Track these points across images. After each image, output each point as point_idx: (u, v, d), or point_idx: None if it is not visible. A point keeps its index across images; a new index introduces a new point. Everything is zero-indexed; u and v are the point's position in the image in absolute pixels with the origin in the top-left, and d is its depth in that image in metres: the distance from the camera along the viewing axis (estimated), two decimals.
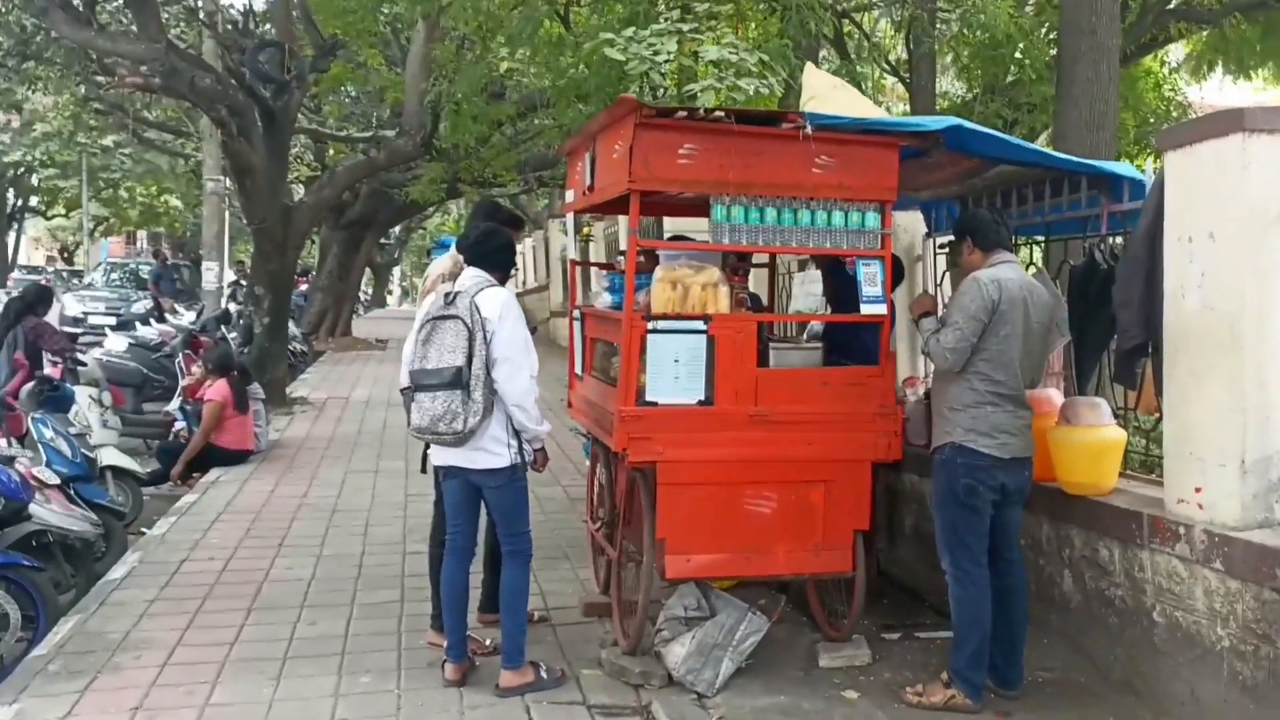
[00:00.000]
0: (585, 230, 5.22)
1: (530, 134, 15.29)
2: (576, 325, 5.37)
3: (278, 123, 11.33)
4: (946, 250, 4.98)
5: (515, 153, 14.26)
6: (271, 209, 11.33)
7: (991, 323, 3.94)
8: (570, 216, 5.36)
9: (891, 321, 5.36)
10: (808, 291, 5.57)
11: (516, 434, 4.11)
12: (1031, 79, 10.81)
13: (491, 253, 4.22)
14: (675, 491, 4.20)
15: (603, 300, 5.05)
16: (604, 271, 5.27)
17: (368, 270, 35.35)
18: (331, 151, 16.28)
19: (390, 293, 50.65)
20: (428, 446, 4.27)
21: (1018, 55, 11.11)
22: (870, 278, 4.33)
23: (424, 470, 4.42)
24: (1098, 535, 4.41)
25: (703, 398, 4.21)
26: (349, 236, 20.72)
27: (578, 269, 5.61)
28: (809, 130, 4.07)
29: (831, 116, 4.24)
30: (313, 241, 24.42)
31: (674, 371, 4.20)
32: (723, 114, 4.15)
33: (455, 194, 16.61)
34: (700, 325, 4.20)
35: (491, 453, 4.08)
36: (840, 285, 5.76)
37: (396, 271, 50.99)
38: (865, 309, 4.32)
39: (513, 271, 4.45)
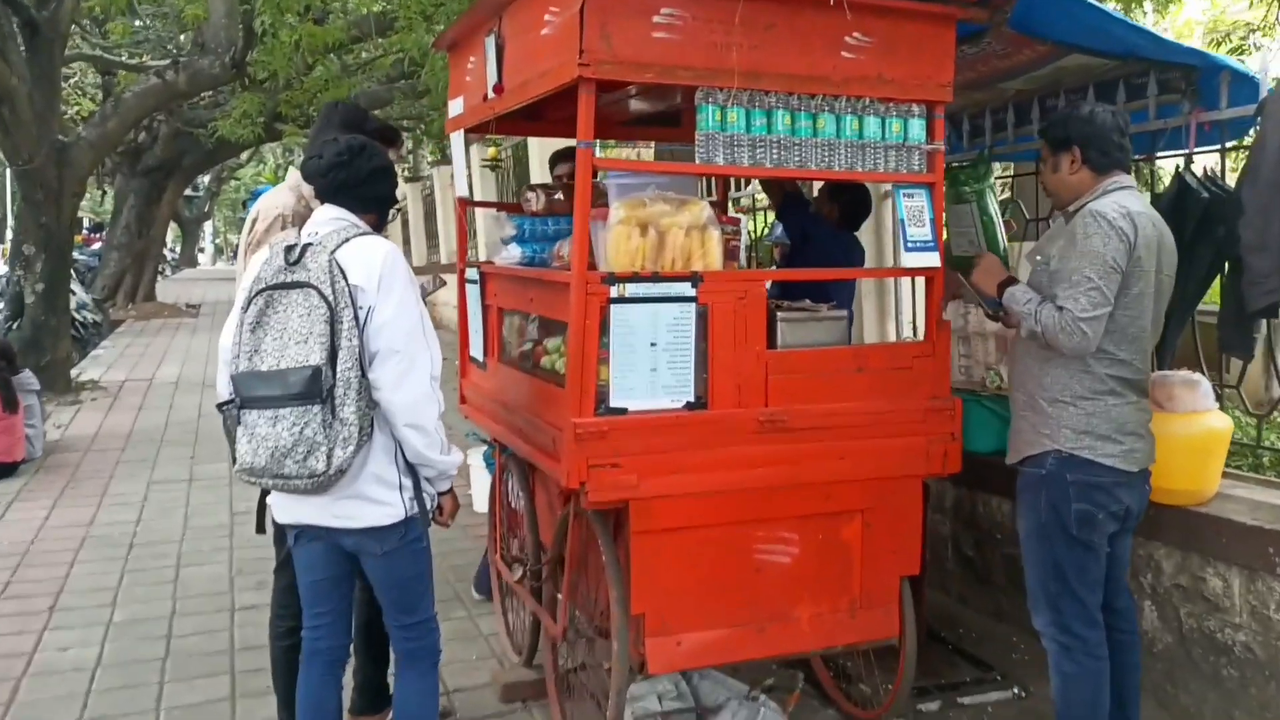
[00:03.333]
0: (494, 152, 3.79)
1: (363, 65, 13.27)
2: (472, 290, 3.85)
3: (43, 37, 9.04)
4: (966, 172, 3.74)
5: (346, 84, 12.21)
6: (40, 146, 9.07)
7: (1123, 277, 2.70)
8: (457, 137, 3.80)
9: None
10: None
11: (411, 470, 2.61)
12: None
13: (361, 181, 2.65)
14: (656, 543, 2.80)
15: (508, 255, 3.54)
16: (505, 215, 3.75)
17: (174, 226, 31.75)
18: (122, 84, 13.73)
19: (201, 250, 46.28)
20: (265, 494, 2.70)
21: None
22: (914, 214, 3.01)
23: (261, 529, 2.82)
24: (1203, 559, 3.29)
25: (692, 398, 2.82)
26: (149, 185, 17.96)
27: (468, 212, 4.07)
28: None
29: None
30: (105, 192, 21.30)
31: (650, 360, 2.77)
32: None
33: (274, 135, 14.29)
34: (687, 288, 2.79)
35: (373, 502, 2.56)
36: (798, 227, 4.46)
37: (208, 227, 46.65)
38: (909, 258, 3.00)
39: (392, 215, 2.90)
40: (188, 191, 37.49)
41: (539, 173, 8.10)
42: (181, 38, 13.96)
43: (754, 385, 2.86)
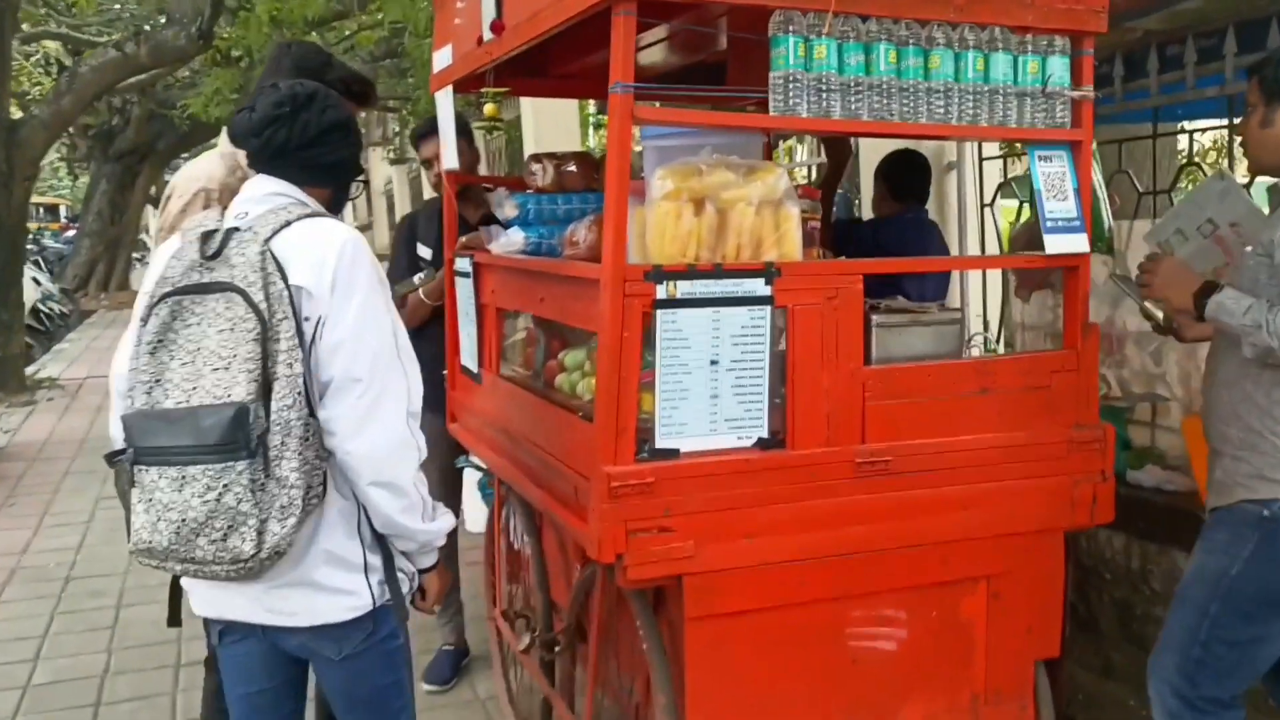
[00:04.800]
0: (492, 109, 3.14)
1: (345, 40, 12.43)
2: (464, 285, 3.09)
3: None
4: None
5: None
6: None
7: None
8: (444, 96, 3.03)
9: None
10: None
11: (381, 543, 1.86)
12: None
13: (308, 142, 1.88)
14: (719, 630, 2.06)
15: (509, 242, 2.77)
16: (506, 192, 2.98)
17: (151, 212, 30.66)
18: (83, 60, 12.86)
19: None
20: (179, 579, 1.94)
21: None
22: (1053, 182, 2.26)
23: (175, 623, 2.04)
24: None
25: (766, 434, 2.07)
26: (121, 170, 17.09)
27: (458, 189, 3.31)
28: None
29: None
30: (76, 177, 20.40)
31: (710, 384, 2.02)
32: None
33: None
34: (760, 285, 2.03)
35: (328, 590, 1.81)
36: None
37: None
38: (1052, 242, 2.25)
39: (355, 190, 2.14)
40: (169, 176, 36.57)
41: (544, 142, 7.31)
42: (163, 19, 13.12)
43: (848, 415, 2.11)
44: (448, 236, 3.26)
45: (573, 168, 2.92)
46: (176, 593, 1.94)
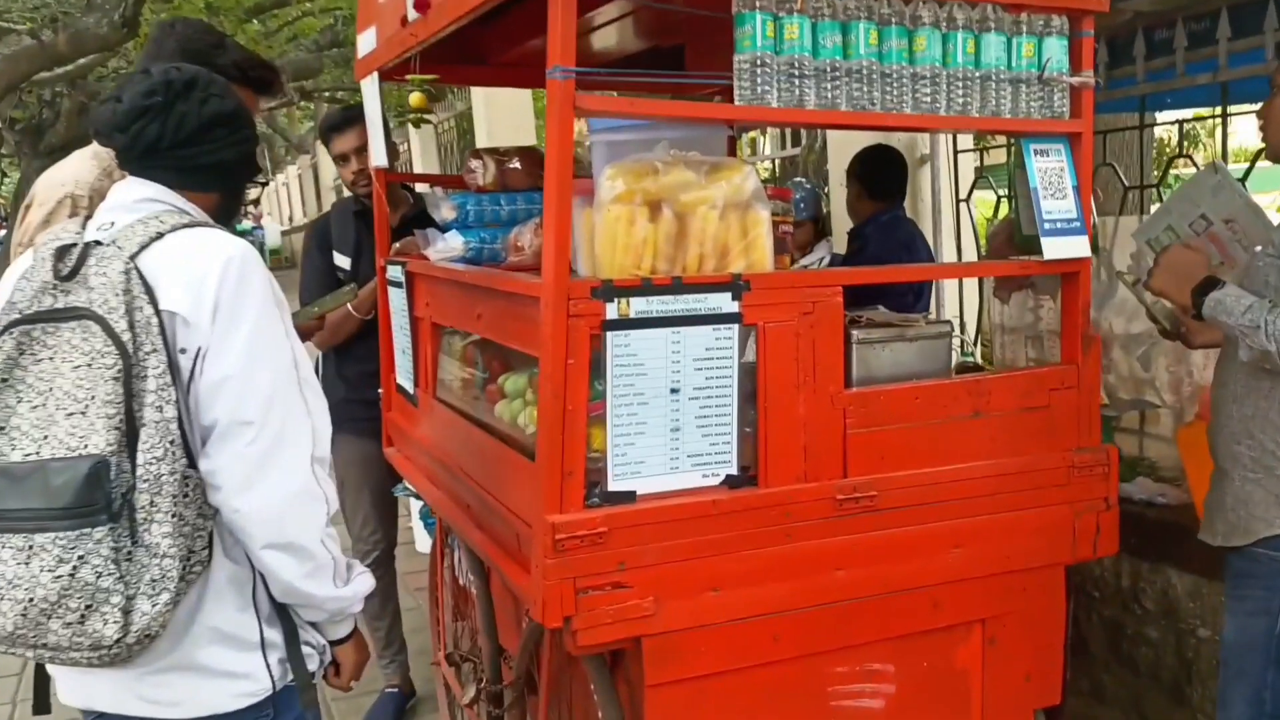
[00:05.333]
0: (418, 99, 2.83)
1: (288, 26, 12.01)
2: (397, 295, 2.80)
3: None
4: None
5: (268, 52, 10.94)
6: None
7: None
8: (369, 84, 2.72)
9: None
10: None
11: (281, 614, 1.57)
12: None
13: (186, 138, 1.58)
14: (686, 697, 1.79)
15: (446, 247, 2.47)
16: (443, 192, 2.68)
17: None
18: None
19: None
20: (42, 666, 1.63)
21: None
22: (1051, 179, 2.02)
23: (42, 709, 1.72)
24: None
25: (735, 470, 1.81)
26: (51, 166, 16.41)
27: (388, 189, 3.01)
28: None
29: None
30: (4, 175, 19.59)
31: (670, 415, 1.75)
32: None
33: None
34: (726, 301, 1.77)
35: (214, 674, 1.52)
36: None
37: None
38: (1050, 245, 2.01)
39: (251, 195, 1.84)
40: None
41: (498, 137, 6.98)
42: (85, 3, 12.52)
43: (828, 445, 1.85)
44: (380, 241, 2.96)
45: (516, 164, 2.64)
46: (43, 677, 1.64)
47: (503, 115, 7.51)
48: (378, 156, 2.77)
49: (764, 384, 1.80)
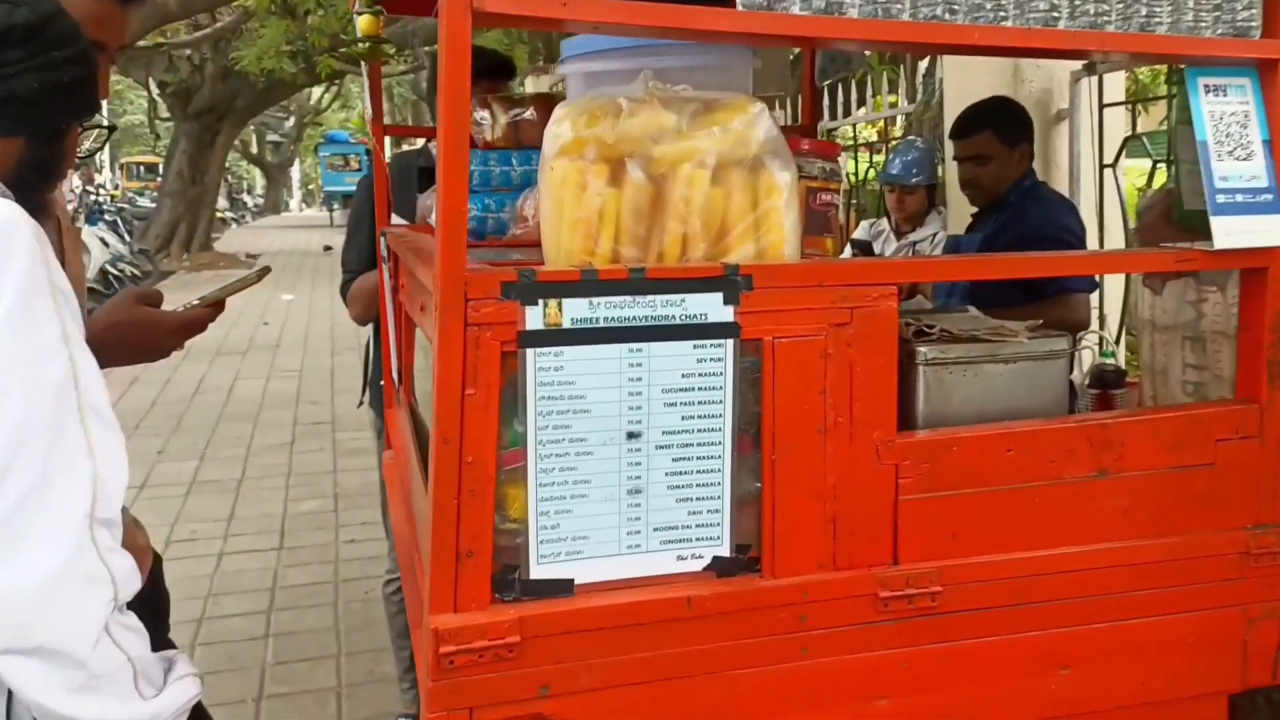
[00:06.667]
0: (367, 23, 2.42)
1: None
2: (387, 272, 2.33)
3: None
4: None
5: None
6: None
7: None
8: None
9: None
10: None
11: None
12: None
13: None
14: None
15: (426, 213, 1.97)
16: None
17: (258, 172, 30.52)
18: None
19: (291, 197, 45.48)
20: None
21: None
22: (1227, 130, 1.35)
23: None
24: None
25: (726, 552, 1.24)
26: (200, 128, 16.84)
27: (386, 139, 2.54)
28: None
29: None
30: (158, 137, 20.31)
31: (626, 472, 1.19)
32: None
33: (314, 76, 12.70)
34: (715, 304, 1.19)
35: None
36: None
37: (295, 172, 45.84)
38: (1224, 228, 1.34)
39: (92, 143, 1.37)
40: (271, 136, 36.65)
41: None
42: None
43: (869, 517, 1.26)
44: (379, 208, 2.49)
45: (531, 115, 2.10)
46: None
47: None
48: (365, 105, 2.29)
49: (772, 426, 1.22)
